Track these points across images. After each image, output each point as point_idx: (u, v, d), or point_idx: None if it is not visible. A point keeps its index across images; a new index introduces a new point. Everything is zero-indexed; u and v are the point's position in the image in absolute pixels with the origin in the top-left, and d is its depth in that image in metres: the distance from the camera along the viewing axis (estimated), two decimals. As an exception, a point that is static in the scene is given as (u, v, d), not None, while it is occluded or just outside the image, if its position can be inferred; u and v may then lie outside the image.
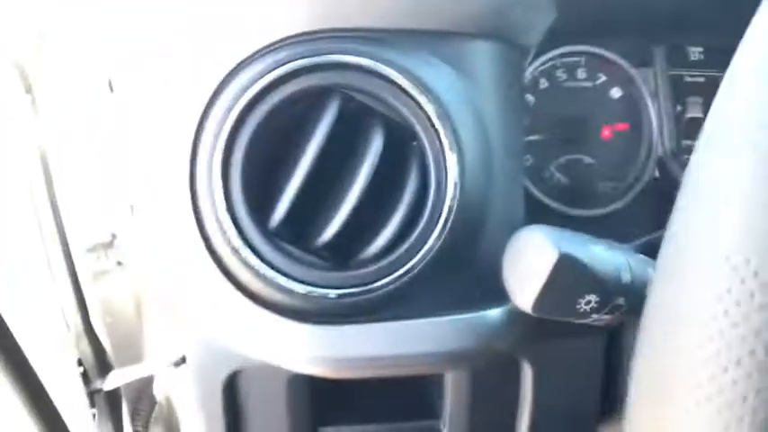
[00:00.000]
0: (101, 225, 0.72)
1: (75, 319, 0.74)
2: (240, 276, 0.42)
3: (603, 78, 0.63)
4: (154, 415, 0.77)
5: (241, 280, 0.42)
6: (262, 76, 0.39)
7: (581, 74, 0.63)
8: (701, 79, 0.63)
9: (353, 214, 0.40)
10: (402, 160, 0.42)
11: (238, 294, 0.42)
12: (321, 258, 0.42)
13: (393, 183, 0.42)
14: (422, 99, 0.40)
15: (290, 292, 0.41)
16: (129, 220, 0.68)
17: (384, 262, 0.41)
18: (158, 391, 0.74)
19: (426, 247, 0.41)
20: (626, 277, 0.36)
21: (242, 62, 0.40)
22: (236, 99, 0.39)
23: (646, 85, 0.62)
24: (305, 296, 0.41)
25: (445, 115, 0.40)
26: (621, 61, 0.62)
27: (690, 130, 0.63)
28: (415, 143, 0.42)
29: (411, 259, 0.41)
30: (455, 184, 0.41)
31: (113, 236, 0.73)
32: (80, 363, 0.75)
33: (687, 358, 0.21)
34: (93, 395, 0.75)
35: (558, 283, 0.34)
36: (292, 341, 0.42)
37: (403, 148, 0.42)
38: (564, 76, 0.62)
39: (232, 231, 0.40)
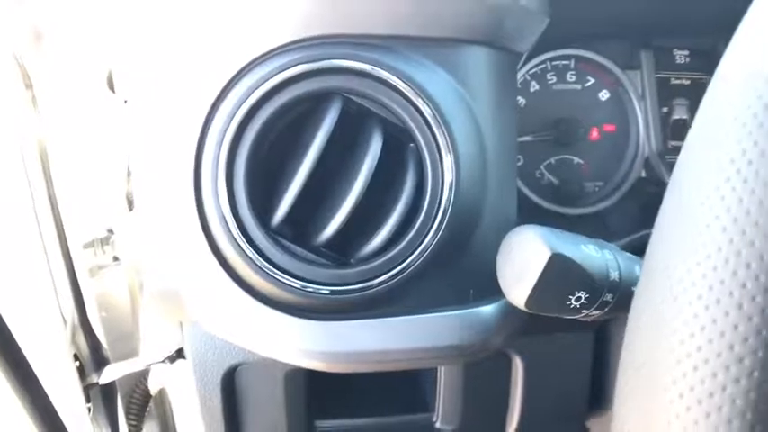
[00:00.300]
0: (98, 221, 0.72)
1: (72, 313, 0.74)
2: (240, 271, 0.43)
3: (592, 81, 0.64)
4: (148, 409, 0.78)
5: (241, 274, 0.43)
6: (266, 80, 0.40)
7: (570, 77, 0.64)
8: (687, 82, 0.65)
9: (352, 214, 0.41)
10: (399, 161, 0.43)
11: (238, 289, 0.43)
12: (321, 256, 0.43)
13: (391, 183, 0.43)
14: (419, 102, 0.41)
15: (286, 286, 0.42)
16: (126, 217, 0.69)
17: (381, 260, 0.42)
18: (153, 385, 0.75)
19: (422, 246, 0.42)
20: (614, 275, 0.37)
21: (246, 66, 0.41)
22: (241, 102, 0.40)
23: (633, 88, 0.64)
24: (300, 291, 0.42)
25: (441, 118, 0.41)
26: (609, 64, 0.63)
27: (676, 131, 0.64)
28: (412, 145, 0.43)
29: (407, 257, 0.42)
30: (451, 184, 0.42)
31: (110, 232, 0.73)
32: (76, 357, 0.75)
33: (671, 354, 0.22)
34: (88, 389, 0.76)
35: (549, 281, 0.35)
36: (288, 335, 0.43)
37: (400, 149, 0.43)
38: (554, 79, 0.64)
39: (234, 227, 0.41)
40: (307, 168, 0.41)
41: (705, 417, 0.21)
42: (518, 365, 0.58)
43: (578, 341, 0.59)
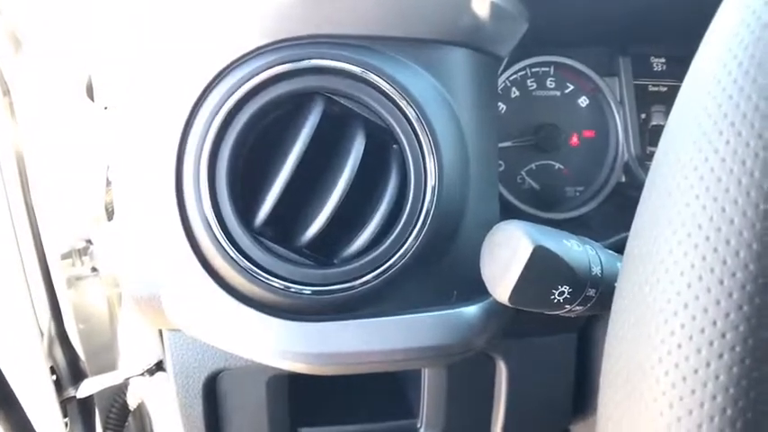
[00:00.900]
0: (76, 231, 0.71)
1: (49, 325, 0.73)
2: (222, 272, 0.42)
3: (572, 87, 0.65)
4: (126, 423, 0.76)
5: (223, 275, 0.42)
6: (249, 79, 0.40)
7: (550, 83, 0.65)
8: (664, 89, 0.66)
9: (335, 214, 0.41)
10: (382, 162, 0.43)
11: (220, 290, 0.42)
12: (304, 257, 0.43)
13: (374, 184, 0.43)
14: (402, 103, 0.42)
15: (268, 286, 0.42)
16: (105, 227, 0.68)
17: (363, 261, 0.42)
18: (132, 399, 0.74)
19: (405, 247, 0.42)
20: (596, 270, 0.37)
21: (229, 65, 0.41)
22: (223, 101, 0.40)
23: (612, 94, 0.65)
24: (283, 291, 0.42)
25: (424, 119, 0.42)
26: (589, 71, 0.64)
27: (654, 136, 0.66)
28: (395, 146, 0.43)
29: (389, 258, 0.42)
30: (433, 186, 0.42)
31: (89, 242, 0.73)
32: (53, 370, 0.74)
33: (656, 333, 0.23)
34: (65, 403, 0.75)
35: (533, 275, 0.36)
36: (270, 336, 0.43)
37: (383, 150, 0.43)
38: (534, 86, 0.65)
39: (217, 228, 0.41)
40: (289, 168, 0.41)
41: (691, 393, 0.21)
42: (502, 369, 0.58)
43: (562, 344, 0.59)
